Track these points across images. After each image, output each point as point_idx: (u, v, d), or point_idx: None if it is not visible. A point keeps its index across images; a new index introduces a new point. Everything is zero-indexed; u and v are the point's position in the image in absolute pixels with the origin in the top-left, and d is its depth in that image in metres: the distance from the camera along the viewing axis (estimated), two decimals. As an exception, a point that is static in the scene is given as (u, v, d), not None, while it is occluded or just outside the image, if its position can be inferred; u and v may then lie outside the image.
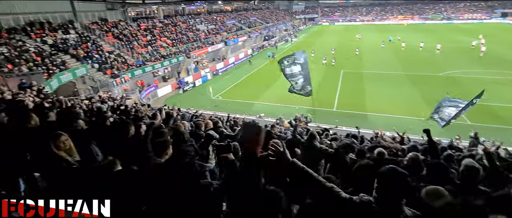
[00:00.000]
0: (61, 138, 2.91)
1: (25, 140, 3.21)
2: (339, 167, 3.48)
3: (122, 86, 20.53)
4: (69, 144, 2.98)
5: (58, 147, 2.88)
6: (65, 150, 2.95)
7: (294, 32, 59.51)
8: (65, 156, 2.92)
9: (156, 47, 27.74)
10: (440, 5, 73.07)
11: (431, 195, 2.05)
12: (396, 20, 71.11)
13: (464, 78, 22.23)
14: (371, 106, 17.77)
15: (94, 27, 24.68)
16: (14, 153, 3.24)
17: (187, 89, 24.08)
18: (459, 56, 29.97)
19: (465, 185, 2.56)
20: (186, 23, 36.97)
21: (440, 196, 2.01)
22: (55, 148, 2.86)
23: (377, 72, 25.73)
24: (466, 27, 54.40)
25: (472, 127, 12.71)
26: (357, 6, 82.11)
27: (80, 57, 20.30)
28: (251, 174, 2.07)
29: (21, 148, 3.19)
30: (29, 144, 3.14)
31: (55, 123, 3.61)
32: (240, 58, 35.57)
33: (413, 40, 39.49)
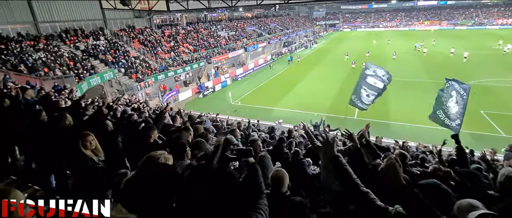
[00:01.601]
0: (88, 138, 3.10)
1: (59, 138, 3.44)
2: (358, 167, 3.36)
3: (146, 90, 21.37)
4: (95, 143, 3.16)
5: (85, 146, 3.07)
6: (92, 149, 3.13)
7: (314, 39, 59.06)
8: (91, 155, 3.10)
9: (178, 52, 28.69)
10: (471, 10, 69.26)
11: (464, 209, 1.84)
12: (422, 26, 68.33)
13: (496, 87, 20.86)
14: (394, 114, 17.13)
15: (122, 33, 26.05)
16: (48, 150, 3.49)
17: (207, 94, 24.58)
18: (491, 64, 28.21)
19: (503, 196, 2.37)
20: (208, 30, 37.98)
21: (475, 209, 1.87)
22: (82, 147, 3.04)
23: (403, 79, 24.80)
24: (500, 33, 51.07)
25: (507, 140, 11.83)
26: (380, 12, 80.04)
27: (109, 62, 21.46)
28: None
29: (55, 146, 3.43)
30: (62, 143, 3.36)
31: (87, 123, 3.83)
32: (259, 64, 35.84)
33: (441, 47, 37.92)
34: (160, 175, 2.10)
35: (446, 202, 1.49)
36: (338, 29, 77.25)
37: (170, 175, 2.19)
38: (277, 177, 2.36)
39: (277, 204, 2.23)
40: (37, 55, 17.17)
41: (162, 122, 4.29)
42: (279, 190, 2.33)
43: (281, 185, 2.34)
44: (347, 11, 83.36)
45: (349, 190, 1.70)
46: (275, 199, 2.27)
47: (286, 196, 2.36)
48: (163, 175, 2.11)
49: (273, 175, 2.39)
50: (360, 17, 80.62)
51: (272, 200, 2.26)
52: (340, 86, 23.37)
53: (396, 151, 4.10)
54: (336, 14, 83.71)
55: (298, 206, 2.33)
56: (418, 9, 75.57)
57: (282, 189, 2.34)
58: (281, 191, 2.34)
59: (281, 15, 65.55)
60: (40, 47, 18.19)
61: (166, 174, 2.15)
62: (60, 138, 3.42)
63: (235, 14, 50.18)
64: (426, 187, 1.57)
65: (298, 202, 2.36)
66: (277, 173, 2.40)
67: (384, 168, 2.30)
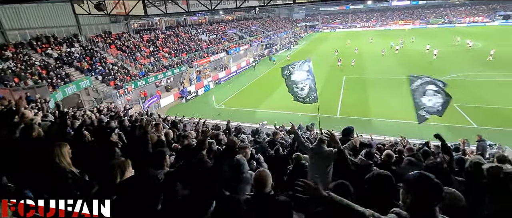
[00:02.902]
0: (66, 148, 2.90)
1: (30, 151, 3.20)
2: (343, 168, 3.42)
3: (125, 97, 20.71)
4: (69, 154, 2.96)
5: (61, 157, 2.86)
6: (68, 161, 2.93)
7: (295, 40, 59.94)
8: (68, 166, 2.90)
9: (158, 58, 28.09)
10: (441, 9, 73.27)
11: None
12: (397, 25, 71.34)
13: (467, 81, 22.09)
14: (375, 111, 17.66)
15: (98, 39, 25.14)
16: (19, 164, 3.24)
17: (190, 98, 24.20)
18: (459, 59, 29.93)
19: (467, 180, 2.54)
20: (188, 34, 37.50)
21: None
22: (57, 158, 2.82)
23: (380, 77, 25.69)
24: (468, 30, 54.37)
25: (478, 130, 12.52)
26: (357, 12, 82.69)
27: (84, 69, 20.62)
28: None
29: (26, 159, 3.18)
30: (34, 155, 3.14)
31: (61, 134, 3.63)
32: (242, 67, 35.81)
33: (417, 44, 39.87)
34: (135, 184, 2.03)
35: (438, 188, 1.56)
36: (318, 30, 78.94)
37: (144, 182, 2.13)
38: (260, 178, 2.38)
39: (261, 204, 2.24)
40: (6, 64, 16.19)
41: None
42: (263, 190, 2.36)
43: (265, 185, 2.36)
44: (326, 12, 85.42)
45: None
46: (260, 199, 2.29)
47: (270, 195, 2.38)
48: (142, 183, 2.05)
49: (256, 176, 2.41)
50: (338, 18, 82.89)
51: (257, 201, 2.25)
52: (322, 85, 23.79)
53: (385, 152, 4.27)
54: (315, 15, 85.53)
55: (283, 205, 2.35)
56: (392, 9, 78.86)
57: (266, 189, 2.36)
58: (265, 191, 2.36)
59: (262, 18, 66.02)
60: (8, 56, 17.15)
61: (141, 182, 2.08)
62: (31, 150, 3.20)
63: (216, 17, 49.96)
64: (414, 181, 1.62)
65: (283, 201, 2.38)
66: (260, 173, 2.42)
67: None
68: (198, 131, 7.27)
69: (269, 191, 2.40)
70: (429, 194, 1.54)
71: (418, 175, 1.62)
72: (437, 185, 1.54)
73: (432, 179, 1.56)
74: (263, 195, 2.35)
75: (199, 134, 6.50)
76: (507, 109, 16.14)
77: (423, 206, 1.54)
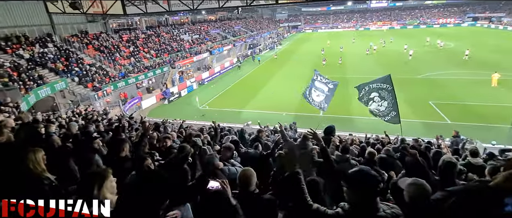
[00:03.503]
0: (40, 154, 2.72)
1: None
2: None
3: (105, 99, 19.96)
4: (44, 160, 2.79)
5: (35, 163, 2.69)
6: (42, 168, 2.76)
7: (279, 40, 60.43)
8: (42, 172, 2.73)
9: (139, 58, 27.33)
10: (416, 11, 76.73)
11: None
12: (376, 26, 73.79)
13: (440, 79, 23.24)
14: (355, 110, 18.12)
15: (73, 39, 24.05)
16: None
17: (172, 100, 23.73)
18: (433, 59, 31.47)
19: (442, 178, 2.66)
20: (170, 34, 36.77)
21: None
22: (30, 164, 2.64)
23: (360, 76, 26.41)
24: (442, 31, 57.26)
25: (452, 126, 13.21)
26: (338, 13, 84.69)
27: (59, 71, 19.66)
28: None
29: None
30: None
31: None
32: (225, 67, 35.60)
33: (395, 45, 41.47)
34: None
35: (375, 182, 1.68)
36: (301, 31, 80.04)
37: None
38: (245, 176, 2.40)
39: (246, 202, 2.25)
40: (-30, 66, 15.11)
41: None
42: (247, 189, 2.38)
43: (249, 184, 2.38)
44: (308, 13, 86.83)
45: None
46: (244, 198, 2.30)
47: (255, 194, 2.41)
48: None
49: (241, 175, 2.43)
50: (320, 19, 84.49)
51: (241, 199, 2.26)
52: (306, 85, 24.12)
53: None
54: (297, 16, 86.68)
55: (267, 203, 2.38)
56: (371, 11, 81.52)
57: (250, 188, 2.39)
58: (249, 190, 2.38)
59: (245, 18, 66.02)
60: (-27, 57, 16.03)
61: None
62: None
63: (198, 17, 49.37)
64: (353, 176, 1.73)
65: (267, 199, 2.42)
66: (244, 172, 2.44)
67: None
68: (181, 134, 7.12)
69: (254, 189, 2.42)
70: (367, 187, 1.63)
71: (358, 170, 1.72)
72: (373, 178, 1.64)
73: (368, 173, 1.66)
74: (248, 194, 2.36)
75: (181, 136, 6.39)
76: (478, 105, 17.14)
77: (363, 199, 1.64)
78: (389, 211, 1.69)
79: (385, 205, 1.72)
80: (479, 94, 18.88)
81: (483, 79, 21.84)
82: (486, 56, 30.19)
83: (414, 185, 2.16)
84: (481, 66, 26.10)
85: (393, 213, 1.69)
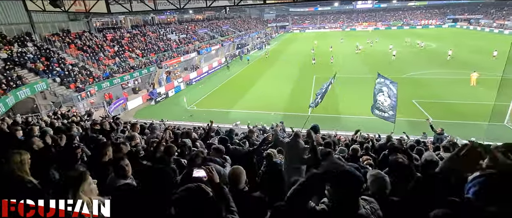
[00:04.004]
0: (26, 156, 2.61)
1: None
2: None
3: (88, 100, 19.35)
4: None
5: (23, 165, 2.58)
6: (26, 171, 2.65)
7: (267, 40, 60.61)
8: (26, 175, 2.61)
9: (124, 58, 26.68)
10: (400, 12, 79.02)
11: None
12: (361, 26, 75.38)
13: (423, 79, 24.01)
14: (343, 109, 18.43)
15: (54, 39, 23.17)
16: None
17: (159, 100, 23.31)
18: (415, 59, 32.49)
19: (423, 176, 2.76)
20: (156, 33, 36.12)
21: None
22: (16, 165, 2.53)
23: (348, 76, 26.91)
24: (424, 32, 59.21)
25: (434, 123, 13.62)
26: (325, 14, 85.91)
27: (40, 71, 18.89)
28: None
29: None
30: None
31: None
32: (213, 67, 35.34)
33: (380, 45, 42.53)
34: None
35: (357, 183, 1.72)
36: (289, 31, 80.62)
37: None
38: (235, 174, 2.45)
39: (235, 200, 2.23)
40: None
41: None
42: (236, 187, 2.41)
43: (238, 182, 2.43)
44: (296, 13, 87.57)
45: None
46: (233, 195, 2.28)
47: (244, 192, 2.44)
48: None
49: (230, 173, 2.48)
50: (308, 19, 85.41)
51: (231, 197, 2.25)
52: (294, 85, 24.37)
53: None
54: (285, 16, 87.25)
55: (257, 201, 2.40)
56: (357, 12, 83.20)
57: (239, 185, 2.43)
58: (239, 188, 2.42)
59: (233, 18, 65.80)
60: None
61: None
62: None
63: (185, 16, 48.76)
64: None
65: (257, 197, 2.43)
66: (234, 170, 2.49)
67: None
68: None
69: (243, 187, 2.45)
70: (350, 187, 1.65)
71: (342, 171, 1.73)
72: (357, 179, 1.65)
73: (352, 174, 1.67)
74: (237, 192, 2.37)
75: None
76: (458, 103, 17.82)
77: (346, 198, 1.66)
78: (368, 206, 1.75)
79: (364, 200, 1.77)
80: (459, 93, 19.64)
81: (463, 78, 22.71)
82: (466, 56, 31.46)
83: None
84: (461, 66, 27.15)
85: (372, 208, 1.74)
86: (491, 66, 25.93)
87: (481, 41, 41.96)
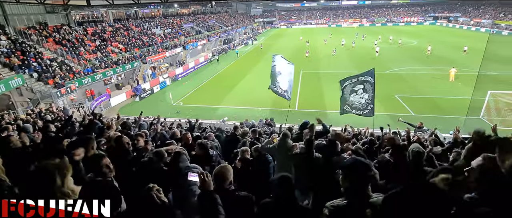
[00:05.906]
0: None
1: None
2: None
3: (69, 97, 18.59)
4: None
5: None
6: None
7: (254, 35, 60.31)
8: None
9: (106, 52, 25.75)
10: (384, 9, 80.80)
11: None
12: (347, 23, 76.48)
13: (405, 75, 24.75)
14: (329, 104, 18.69)
15: (30, 32, 21.98)
16: None
17: (144, 96, 22.75)
18: (397, 55, 33.41)
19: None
20: (140, 27, 35.04)
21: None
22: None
23: (332, 72, 27.31)
24: (406, 29, 60.85)
25: (416, 118, 14.11)
26: (311, 10, 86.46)
27: (15, 66, 17.91)
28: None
29: None
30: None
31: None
32: (200, 62, 34.83)
33: (365, 41, 43.30)
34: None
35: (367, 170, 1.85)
36: (275, 26, 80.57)
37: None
38: (220, 173, 2.41)
39: (222, 199, 2.24)
40: None
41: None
42: (222, 186, 2.38)
43: (223, 180, 2.39)
44: (282, 9, 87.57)
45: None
46: (219, 194, 2.28)
47: (230, 191, 2.41)
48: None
49: (216, 171, 2.44)
50: (294, 15, 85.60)
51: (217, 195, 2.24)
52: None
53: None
54: (272, 11, 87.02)
55: (243, 200, 2.39)
56: (343, 8, 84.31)
57: (224, 184, 2.39)
58: (224, 187, 2.39)
59: (219, 12, 64.92)
60: None
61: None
62: None
63: (170, 10, 47.56)
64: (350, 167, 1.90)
65: (243, 196, 2.43)
66: (220, 169, 2.46)
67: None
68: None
69: (229, 186, 2.42)
70: (362, 175, 1.78)
71: (353, 160, 1.88)
72: (368, 166, 1.81)
73: (363, 162, 1.83)
74: (223, 190, 2.34)
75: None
76: (438, 98, 18.51)
77: (358, 187, 1.78)
78: (377, 198, 1.82)
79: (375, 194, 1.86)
80: (439, 88, 20.41)
81: (442, 74, 23.59)
82: (445, 53, 32.67)
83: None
84: (440, 62, 28.19)
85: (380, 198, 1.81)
86: (465, 62, 27.11)
87: (460, 38, 43.65)
